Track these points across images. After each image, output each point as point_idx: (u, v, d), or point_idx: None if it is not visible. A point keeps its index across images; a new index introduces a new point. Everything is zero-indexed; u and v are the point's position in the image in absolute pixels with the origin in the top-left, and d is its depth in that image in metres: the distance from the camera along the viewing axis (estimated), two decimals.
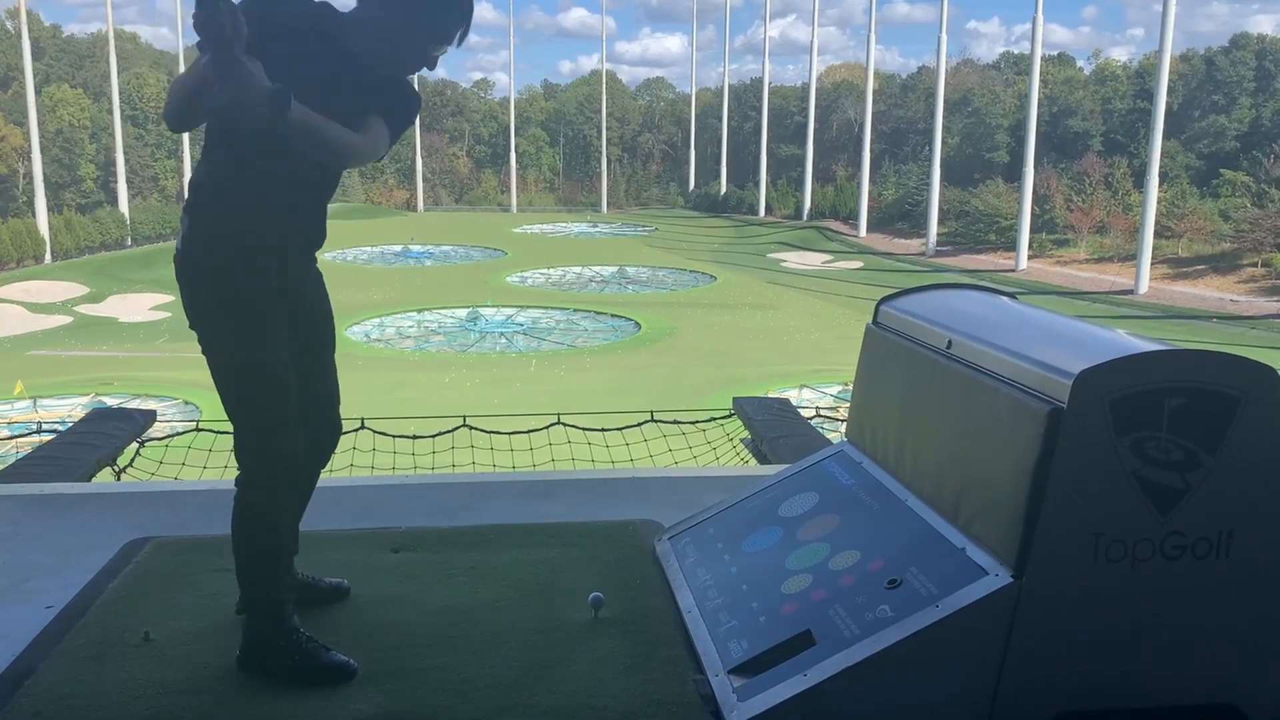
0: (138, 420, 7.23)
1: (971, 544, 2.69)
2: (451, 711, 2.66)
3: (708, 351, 30.30)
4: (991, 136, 62.75)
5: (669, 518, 3.86)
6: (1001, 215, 51.37)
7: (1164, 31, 41.97)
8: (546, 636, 3.05)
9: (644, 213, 74.31)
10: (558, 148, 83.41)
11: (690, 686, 2.76)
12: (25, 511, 4.32)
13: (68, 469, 5.75)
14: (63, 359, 30.13)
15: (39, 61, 59.93)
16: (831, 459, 3.59)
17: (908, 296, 3.57)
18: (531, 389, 24.57)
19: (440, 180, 78.76)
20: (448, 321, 36.66)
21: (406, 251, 54.18)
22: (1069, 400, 2.45)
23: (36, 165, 51.06)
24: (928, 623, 2.52)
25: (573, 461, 7.80)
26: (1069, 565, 2.50)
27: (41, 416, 21.96)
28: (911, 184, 60.41)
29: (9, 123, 58.19)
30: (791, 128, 72.78)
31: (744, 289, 43.40)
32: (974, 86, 68.15)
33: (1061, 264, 48.28)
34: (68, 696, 2.69)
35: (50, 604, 3.27)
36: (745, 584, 3.10)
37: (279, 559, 2.85)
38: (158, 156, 65.94)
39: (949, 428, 2.95)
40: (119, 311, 39.22)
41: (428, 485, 4.79)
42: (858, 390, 3.65)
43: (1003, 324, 3.14)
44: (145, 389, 25.20)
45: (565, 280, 46.86)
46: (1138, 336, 2.81)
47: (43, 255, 48.10)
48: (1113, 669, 2.57)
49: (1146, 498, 2.50)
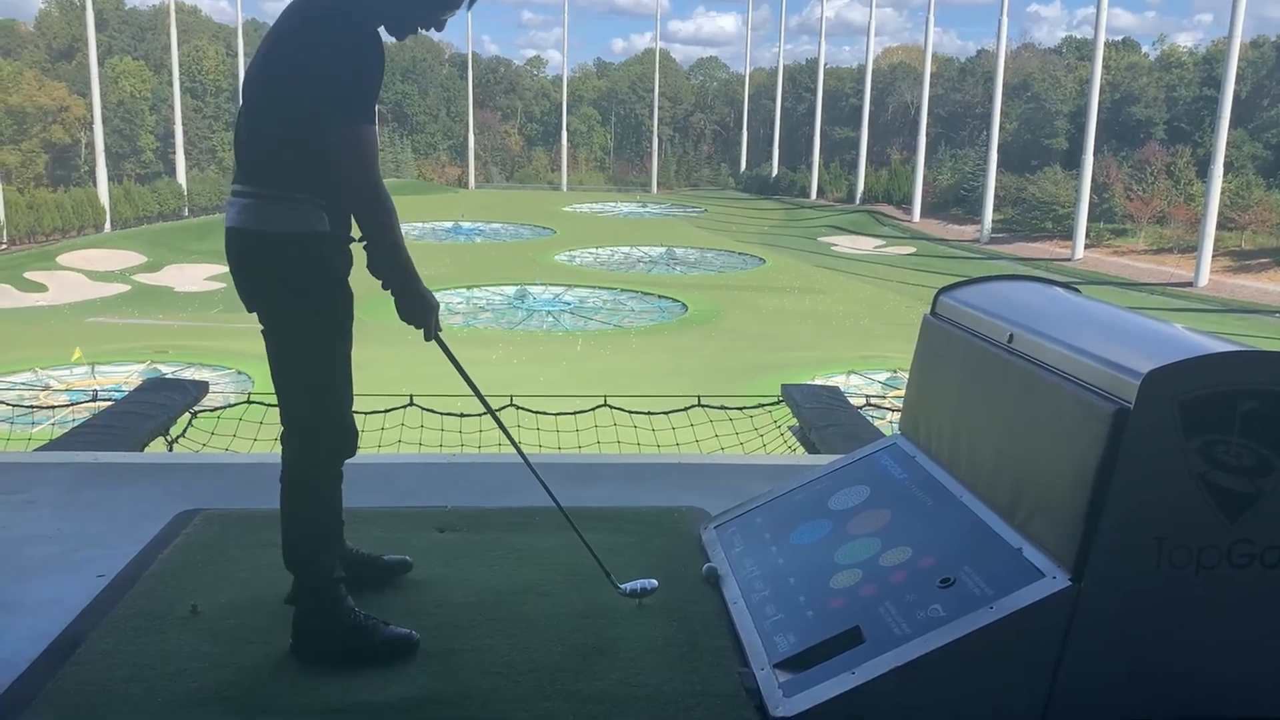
0: (190, 391, 7.32)
1: (1028, 544, 2.62)
2: (494, 695, 2.65)
3: (755, 335, 30.12)
4: (1051, 122, 61.58)
5: (715, 505, 3.82)
6: (1059, 203, 50.43)
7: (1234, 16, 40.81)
8: (590, 622, 3.02)
9: (694, 193, 74.00)
10: (609, 126, 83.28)
11: (735, 679, 2.72)
12: (81, 480, 4.38)
13: (122, 438, 5.84)
14: (120, 326, 30.71)
15: (102, 33, 60.91)
16: (884, 451, 3.52)
17: (967, 288, 3.48)
18: (577, 368, 24.60)
19: (491, 157, 79.00)
20: (496, 299, 36.81)
21: (457, 228, 54.47)
22: (1136, 401, 2.37)
23: (98, 135, 51.98)
24: (981, 624, 2.46)
25: (618, 444, 7.77)
26: (1130, 570, 2.43)
27: (99, 383, 22.43)
28: (967, 169, 59.49)
29: (72, 93, 59.26)
30: (846, 110, 71.96)
31: (793, 272, 43.06)
32: (1034, 71, 66.84)
33: (1119, 254, 47.33)
34: (115, 667, 2.71)
35: (101, 573, 3.31)
36: (793, 577, 3.05)
37: (333, 538, 2.85)
38: (215, 129, 66.80)
39: (1008, 424, 2.87)
40: (175, 281, 39.88)
41: (474, 465, 4.79)
42: (913, 382, 3.57)
43: (1066, 318, 3.05)
44: (199, 358, 25.60)
45: (613, 260, 46.81)
46: (1207, 335, 2.70)
47: (103, 224, 49.02)
48: (1173, 679, 2.49)
49: (1214, 503, 2.41)
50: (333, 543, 2.85)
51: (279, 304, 2.72)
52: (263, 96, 2.67)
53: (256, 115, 2.68)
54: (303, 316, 2.71)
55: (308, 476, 2.79)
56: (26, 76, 59.78)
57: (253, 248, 2.69)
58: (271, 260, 2.68)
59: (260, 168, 2.67)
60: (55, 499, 4.11)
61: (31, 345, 26.97)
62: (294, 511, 2.80)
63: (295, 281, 2.68)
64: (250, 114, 2.71)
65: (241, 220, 2.68)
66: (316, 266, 2.67)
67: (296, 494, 2.79)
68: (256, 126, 2.69)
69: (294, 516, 2.80)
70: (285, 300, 2.71)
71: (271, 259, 2.67)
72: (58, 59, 66.82)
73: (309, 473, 2.79)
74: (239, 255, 2.71)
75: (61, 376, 23.98)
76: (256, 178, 2.67)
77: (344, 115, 2.55)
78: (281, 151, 2.64)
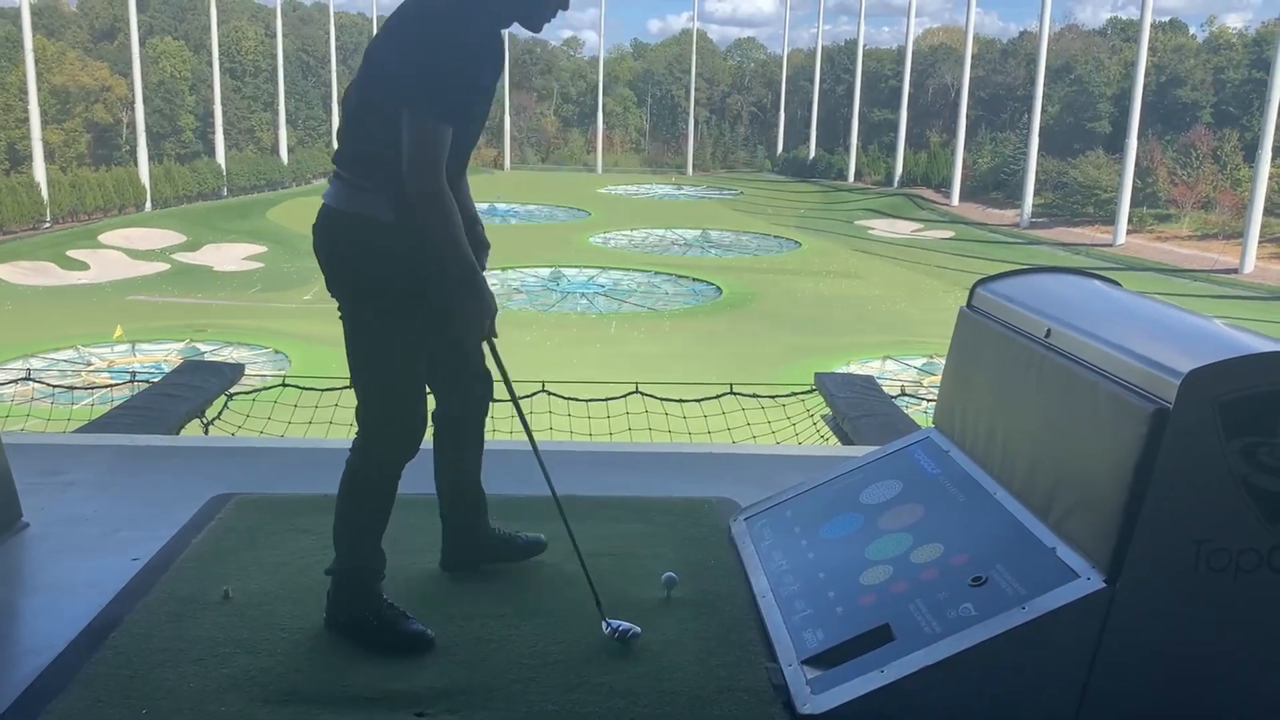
0: (226, 374, 7.41)
1: (1063, 544, 2.58)
2: (521, 686, 2.65)
3: (790, 318, 29.99)
4: (1094, 105, 60.64)
5: (746, 496, 3.80)
6: (1101, 187, 49.68)
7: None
8: (618, 614, 3.00)
9: (730, 176, 73.64)
10: (645, 108, 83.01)
11: (762, 674, 2.71)
12: (118, 462, 4.45)
13: (158, 420, 5.92)
14: (160, 305, 31.14)
15: (143, 14, 61.36)
16: (917, 445, 3.48)
17: (1005, 280, 3.43)
18: (611, 351, 24.64)
19: (527, 139, 79.01)
20: (530, 280, 36.90)
21: (492, 209, 54.51)
22: (1175, 401, 2.32)
23: (139, 115, 52.52)
24: (1013, 625, 2.43)
25: (649, 432, 7.77)
26: (1167, 572, 2.38)
27: (139, 360, 22.75)
28: (1008, 152, 58.70)
29: (114, 73, 59.91)
30: (885, 92, 71.17)
31: (829, 256, 42.78)
32: (1077, 53, 65.78)
33: (1162, 239, 46.58)
34: (149, 651, 2.75)
35: (136, 556, 3.35)
36: (822, 571, 3.03)
37: (378, 529, 2.87)
38: (254, 109, 67.27)
39: (1044, 421, 2.82)
40: (214, 260, 40.33)
41: (505, 451, 4.77)
42: (948, 375, 3.53)
43: (1106, 314, 3.00)
44: (238, 336, 25.91)
45: (648, 242, 46.74)
46: (1250, 333, 2.64)
47: (143, 203, 49.61)
48: (1208, 683, 2.45)
49: (1255, 505, 2.36)
50: (377, 534, 2.87)
51: (342, 287, 2.74)
52: (365, 95, 2.70)
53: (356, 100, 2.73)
54: (362, 302, 2.72)
55: (356, 468, 2.83)
56: (69, 57, 60.54)
57: (328, 227, 2.74)
58: (336, 241, 2.73)
59: (349, 158, 2.73)
60: (93, 481, 4.17)
61: (73, 322, 27.42)
62: (343, 497, 2.84)
63: (358, 265, 2.71)
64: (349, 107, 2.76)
65: (328, 195, 2.76)
66: (381, 254, 2.68)
67: (347, 483, 2.84)
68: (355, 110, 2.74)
69: (342, 501, 2.85)
70: (349, 284, 2.73)
71: (337, 240, 2.73)
72: (100, 39, 67.54)
73: (359, 466, 2.82)
74: (316, 231, 2.77)
75: (102, 354, 24.37)
76: (345, 161, 2.74)
77: (420, 112, 2.56)
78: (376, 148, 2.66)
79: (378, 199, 2.66)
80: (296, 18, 75.61)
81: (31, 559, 3.46)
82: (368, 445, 2.81)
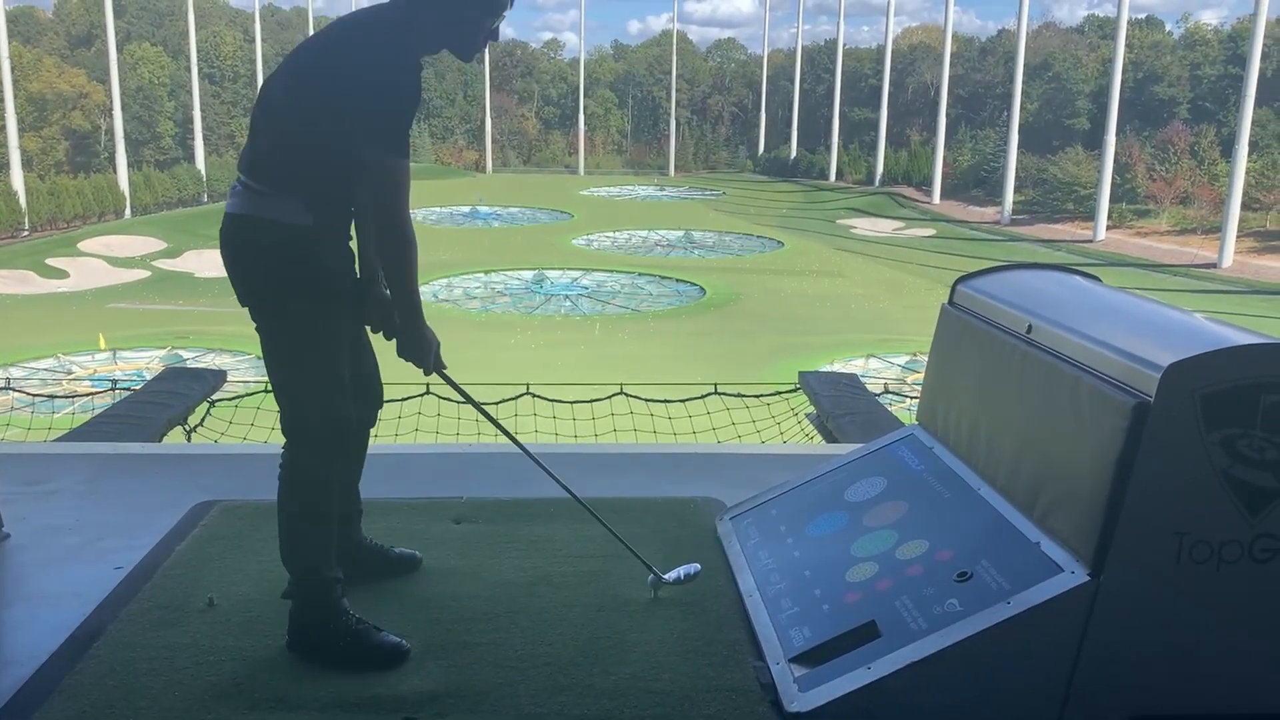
0: (208, 380, 7.36)
1: (1047, 538, 2.60)
2: (508, 689, 2.65)
3: (773, 318, 30.02)
4: (1072, 102, 60.95)
5: (731, 496, 3.80)
6: (1080, 184, 49.96)
7: None
8: (605, 615, 3.02)
9: (712, 176, 73.65)
10: (626, 109, 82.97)
11: (750, 673, 2.71)
12: (100, 470, 4.42)
13: (140, 428, 5.88)
14: (141, 312, 30.89)
15: (120, 19, 61.04)
16: (901, 443, 3.50)
17: (986, 277, 3.44)
18: (595, 353, 24.60)
19: (509, 141, 78.84)
20: (513, 283, 36.80)
21: (474, 212, 54.44)
22: (1156, 394, 2.34)
23: (118, 122, 52.14)
24: (998, 619, 2.44)
25: (634, 433, 7.76)
26: (1150, 565, 2.40)
27: (120, 368, 22.60)
28: (988, 150, 58.94)
29: (92, 80, 59.50)
30: (865, 91, 71.37)
31: (812, 255, 42.85)
32: (1055, 50, 66.11)
33: (1141, 235, 46.84)
34: (134, 660, 2.73)
35: (120, 564, 3.33)
36: (808, 569, 3.03)
37: (330, 536, 2.82)
38: (233, 114, 66.96)
39: (1027, 416, 2.84)
40: (195, 266, 40.03)
41: (490, 454, 4.78)
42: (930, 372, 3.54)
43: (1086, 309, 3.01)
44: (220, 343, 25.73)
45: (631, 244, 46.69)
46: (1230, 326, 2.66)
47: (123, 210, 49.24)
48: (1192, 674, 2.47)
49: (1236, 497, 2.38)
50: (330, 542, 2.81)
51: (261, 294, 2.73)
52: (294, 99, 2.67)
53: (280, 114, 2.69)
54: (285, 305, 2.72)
55: (289, 476, 2.78)
56: (46, 63, 60.07)
57: (242, 233, 2.71)
58: (252, 247, 2.70)
59: (263, 164, 2.68)
60: (75, 489, 4.14)
61: (54, 331, 27.19)
62: (289, 507, 2.79)
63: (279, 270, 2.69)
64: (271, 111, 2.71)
65: (234, 206, 2.71)
66: (303, 258, 2.68)
67: (284, 493, 2.79)
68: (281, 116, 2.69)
69: (283, 513, 2.79)
70: (269, 290, 2.72)
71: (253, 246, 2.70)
72: (77, 45, 67.09)
73: (291, 473, 2.78)
74: (229, 240, 2.74)
75: (83, 362, 24.19)
76: (259, 173, 2.68)
77: (387, 147, 2.58)
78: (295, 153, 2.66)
79: (291, 204, 2.64)
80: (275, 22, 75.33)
81: (13, 569, 3.43)
82: (297, 449, 2.77)
